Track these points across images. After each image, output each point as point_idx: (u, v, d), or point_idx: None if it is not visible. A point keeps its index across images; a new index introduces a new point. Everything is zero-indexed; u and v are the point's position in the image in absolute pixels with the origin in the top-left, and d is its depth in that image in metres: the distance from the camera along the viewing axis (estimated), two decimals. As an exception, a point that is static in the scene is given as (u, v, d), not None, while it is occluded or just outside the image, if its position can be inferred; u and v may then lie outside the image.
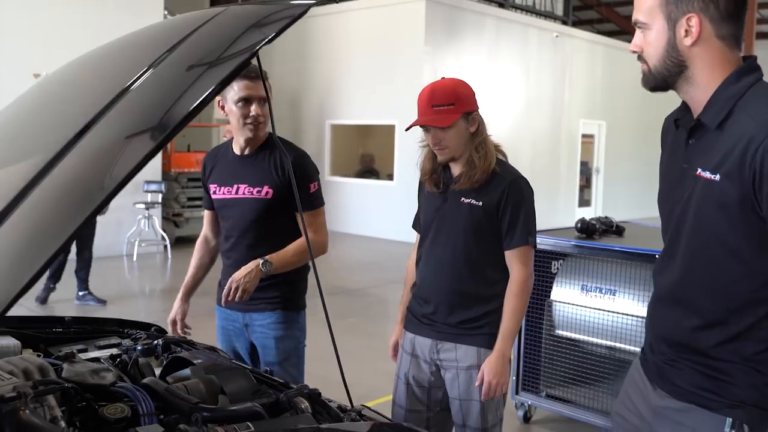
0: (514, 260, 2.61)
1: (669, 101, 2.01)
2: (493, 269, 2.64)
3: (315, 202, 3.02)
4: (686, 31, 1.69)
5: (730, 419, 1.70)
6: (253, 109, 2.87)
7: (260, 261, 2.84)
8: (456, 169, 2.65)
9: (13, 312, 1.99)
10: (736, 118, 1.66)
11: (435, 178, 2.69)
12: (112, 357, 2.18)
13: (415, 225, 2.86)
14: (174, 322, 3.15)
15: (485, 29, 13.60)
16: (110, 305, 7.47)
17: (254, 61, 1.93)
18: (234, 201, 3.02)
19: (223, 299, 2.85)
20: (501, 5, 14.89)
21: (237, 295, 2.79)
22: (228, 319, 3.15)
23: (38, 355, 2.10)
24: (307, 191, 2.98)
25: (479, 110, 2.63)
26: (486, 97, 13.09)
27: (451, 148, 2.58)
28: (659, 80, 1.78)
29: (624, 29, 25.39)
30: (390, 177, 13.64)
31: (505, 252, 2.62)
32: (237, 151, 3.05)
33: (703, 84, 1.72)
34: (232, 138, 3.10)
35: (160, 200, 10.91)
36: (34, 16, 9.52)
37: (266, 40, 1.52)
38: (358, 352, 5.78)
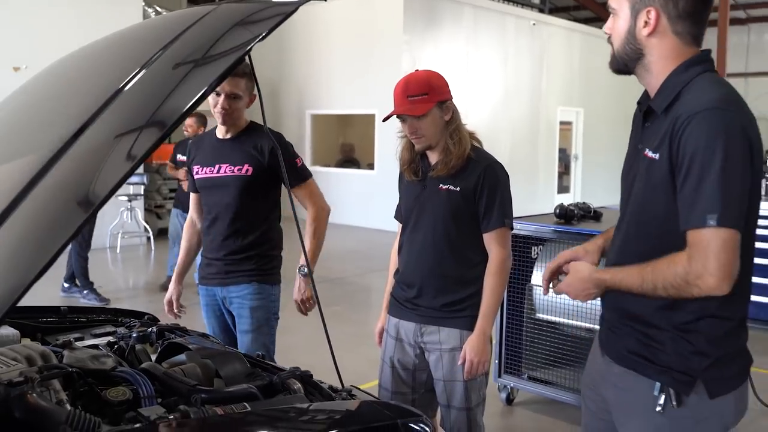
0: (492, 242, 2.71)
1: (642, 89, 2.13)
2: (473, 252, 2.74)
3: (304, 173, 3.25)
4: (645, 22, 1.84)
5: (659, 383, 1.85)
6: (220, 102, 3.08)
7: (298, 274, 3.18)
8: (433, 158, 2.75)
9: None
10: (678, 103, 1.80)
11: (414, 168, 2.79)
12: (110, 344, 2.25)
13: (397, 215, 2.95)
14: (170, 303, 3.35)
15: (463, 18, 13.65)
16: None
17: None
18: (215, 179, 3.21)
19: (304, 312, 3.19)
20: (479, -6, 14.93)
21: (308, 307, 3.19)
22: (210, 295, 3.33)
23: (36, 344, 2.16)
24: (295, 166, 3.21)
25: (452, 99, 2.73)
26: (465, 86, 13.19)
27: (427, 137, 2.67)
28: (621, 64, 1.93)
29: (600, 16, 25.44)
30: (371, 166, 13.69)
31: (483, 234, 2.72)
32: (219, 135, 3.26)
33: (656, 72, 1.87)
34: (215, 127, 3.30)
35: (142, 192, 10.90)
36: (10, 8, 9.45)
37: (259, 37, 1.59)
38: (342, 339, 5.83)
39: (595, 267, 2.00)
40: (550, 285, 2.12)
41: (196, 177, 3.29)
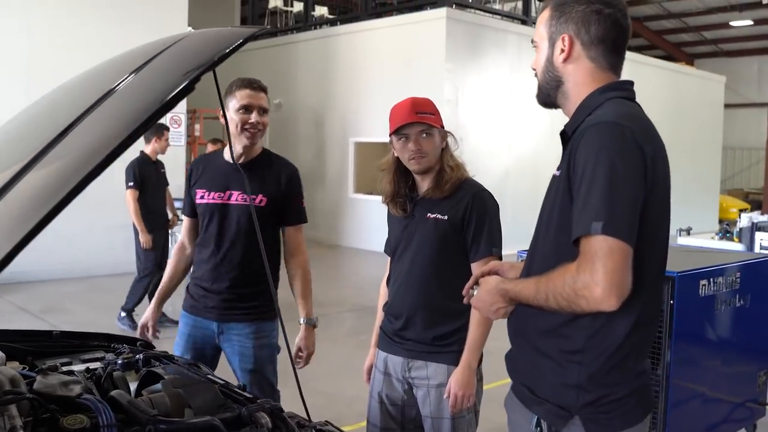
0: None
1: (693, 118, 2.05)
2: (461, 282, 2.65)
3: (303, 216, 3.16)
4: (561, 49, 1.88)
5: (536, 416, 1.81)
6: (253, 116, 3.01)
7: (304, 323, 3.13)
8: (425, 184, 2.71)
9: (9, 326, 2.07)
10: (585, 122, 1.79)
11: (400, 203, 2.75)
12: (88, 370, 2.24)
13: (386, 248, 2.90)
14: (145, 327, 3.23)
15: (507, 46, 13.61)
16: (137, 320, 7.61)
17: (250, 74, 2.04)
18: (225, 207, 3.09)
19: (303, 364, 3.11)
20: (523, 22, 14.88)
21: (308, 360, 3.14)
22: (197, 326, 3.19)
23: (23, 368, 2.17)
24: (299, 204, 3.15)
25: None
26: (509, 115, 13.11)
27: (429, 157, 2.64)
28: (544, 95, 1.95)
29: (653, 43, 25.23)
30: (413, 194, 13.62)
31: (471, 264, 2.66)
32: (230, 159, 3.09)
33: (573, 98, 1.90)
34: (223, 147, 3.19)
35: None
36: (68, 37, 9.81)
37: (221, 54, 1.62)
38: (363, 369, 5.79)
39: (502, 279, 1.93)
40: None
41: (199, 201, 3.14)
